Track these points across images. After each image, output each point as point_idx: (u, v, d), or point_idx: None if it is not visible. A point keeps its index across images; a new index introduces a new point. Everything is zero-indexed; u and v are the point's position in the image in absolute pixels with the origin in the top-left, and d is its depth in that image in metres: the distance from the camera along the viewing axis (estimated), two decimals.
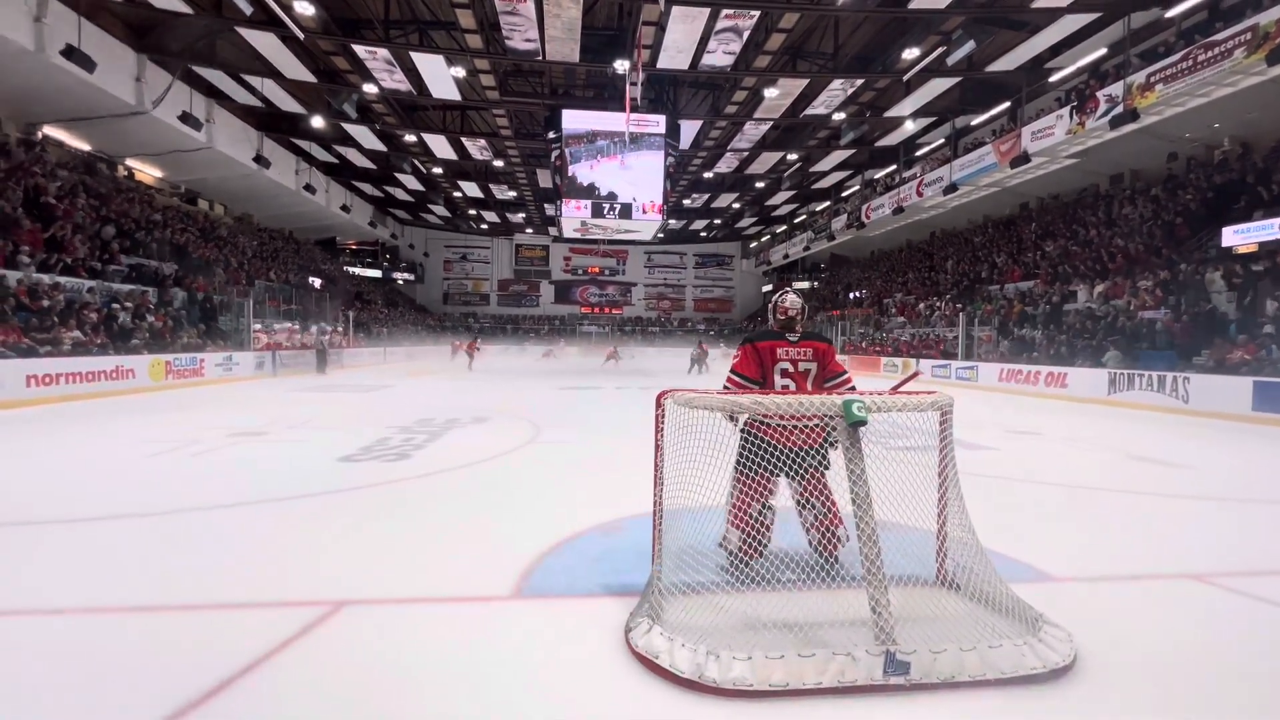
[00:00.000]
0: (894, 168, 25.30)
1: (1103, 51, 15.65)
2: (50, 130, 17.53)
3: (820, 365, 2.96)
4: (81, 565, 3.12)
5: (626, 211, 20.78)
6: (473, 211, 37.47)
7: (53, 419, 8.28)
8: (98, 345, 11.67)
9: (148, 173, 21.94)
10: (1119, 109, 14.08)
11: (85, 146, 18.89)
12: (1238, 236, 13.27)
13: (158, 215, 19.18)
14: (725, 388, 2.91)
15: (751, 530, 2.74)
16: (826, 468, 2.80)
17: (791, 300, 2.99)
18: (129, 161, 20.74)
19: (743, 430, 2.74)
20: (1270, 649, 2.42)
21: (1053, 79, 17.26)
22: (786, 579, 2.53)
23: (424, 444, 6.67)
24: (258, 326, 18.18)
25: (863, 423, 2.31)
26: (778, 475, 2.72)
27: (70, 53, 13.13)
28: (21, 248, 12.34)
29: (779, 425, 2.63)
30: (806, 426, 2.62)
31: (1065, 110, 15.88)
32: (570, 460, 6.13)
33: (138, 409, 9.49)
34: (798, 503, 2.85)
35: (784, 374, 2.90)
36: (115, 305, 13.19)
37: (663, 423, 2.54)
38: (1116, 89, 14.23)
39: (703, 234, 43.01)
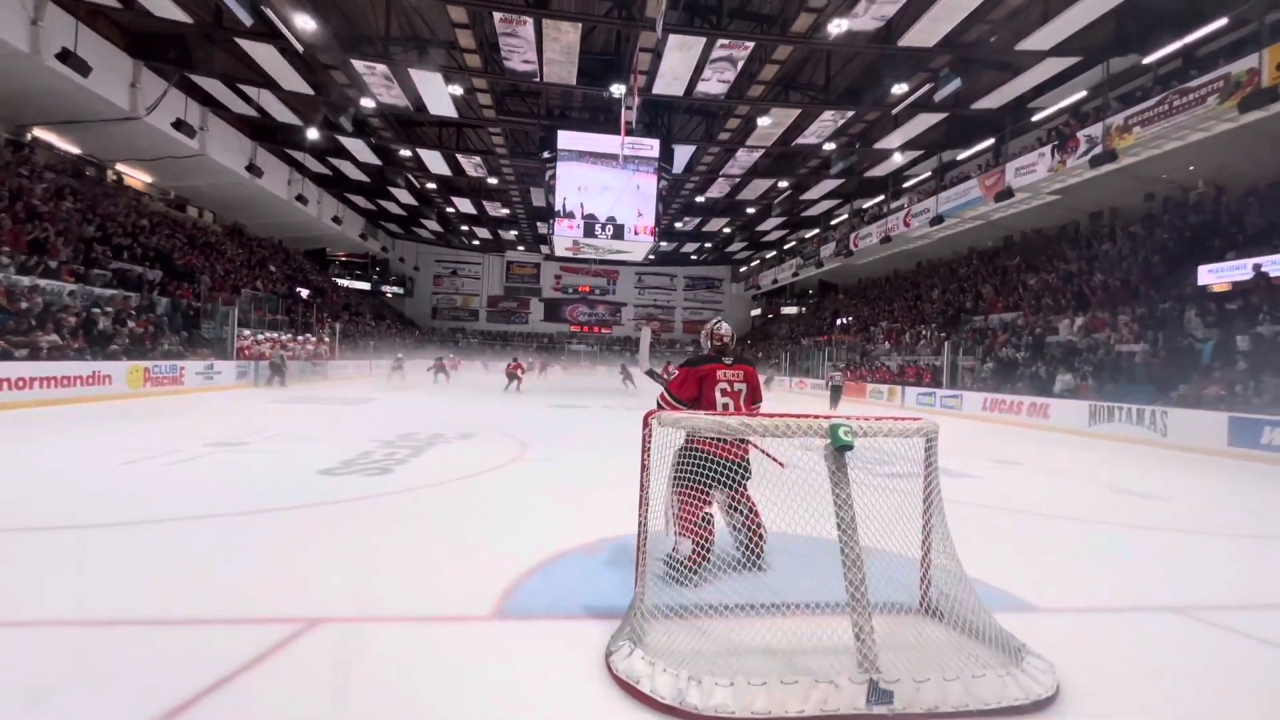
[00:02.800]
0: (882, 198, 25.81)
1: (1083, 94, 16.23)
2: (40, 132, 17.40)
3: (749, 386, 3.27)
4: (47, 576, 3.02)
5: (619, 232, 20.98)
6: (465, 227, 37.59)
7: (25, 424, 8.07)
8: (75, 350, 11.45)
9: (137, 178, 21.80)
10: (1098, 149, 14.54)
11: (75, 150, 18.75)
12: (1212, 275, 13.66)
13: (145, 221, 19.01)
14: (658, 405, 3.14)
15: (700, 537, 2.94)
16: (749, 477, 3.04)
17: (725, 329, 3.38)
18: (119, 166, 20.61)
19: (682, 448, 2.98)
20: (1248, 684, 2.43)
21: (1035, 118, 17.83)
22: (729, 585, 2.50)
23: (407, 459, 6.58)
24: (246, 333, 17.97)
25: (849, 447, 2.32)
26: (713, 486, 2.93)
27: (65, 56, 13.11)
28: (2, 249, 12.15)
29: (714, 440, 2.83)
30: (736, 441, 2.86)
31: (1047, 149, 16.36)
32: (555, 479, 6.06)
33: (114, 416, 9.29)
34: (728, 508, 3.11)
35: (723, 393, 3.19)
36: (95, 310, 12.97)
37: (649, 443, 2.53)
38: (1096, 130, 14.70)
39: (693, 257, 43.44)
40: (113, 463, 5.76)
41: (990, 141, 19.74)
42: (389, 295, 42.45)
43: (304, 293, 27.36)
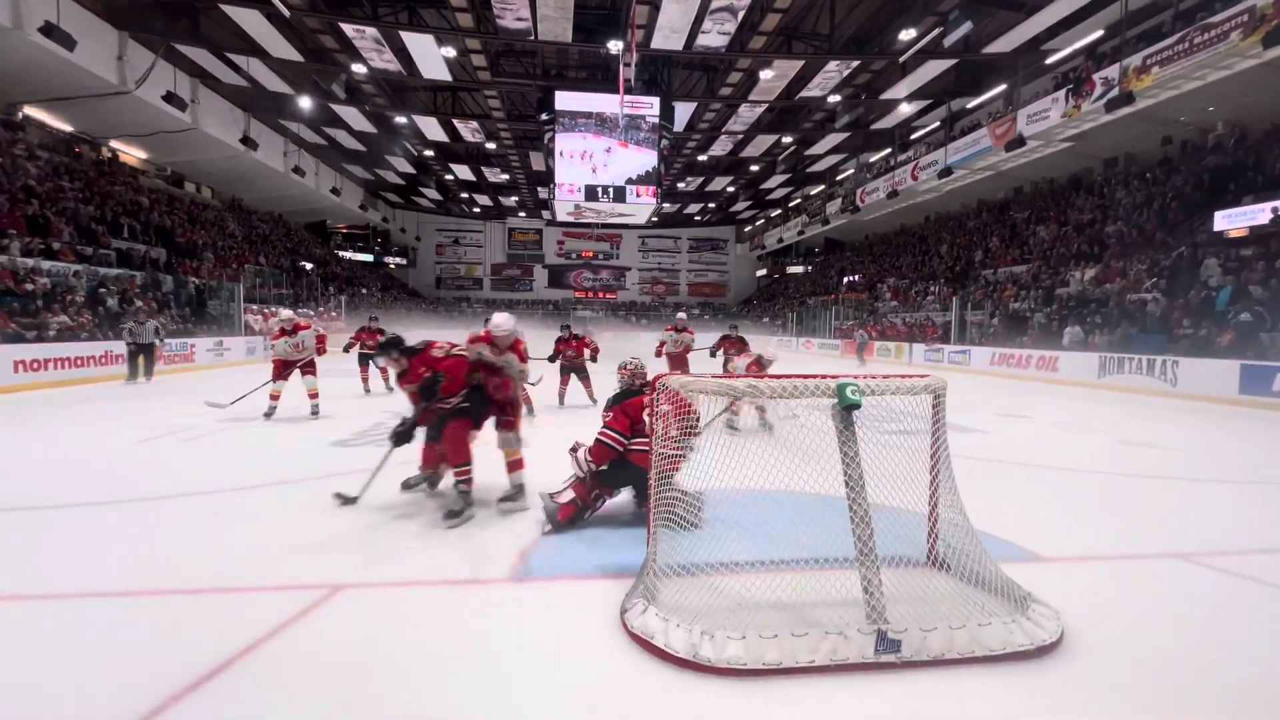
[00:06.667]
0: (889, 151, 25.16)
1: (1100, 33, 15.54)
2: (31, 110, 17.14)
3: None
4: (76, 550, 3.12)
5: (620, 194, 20.60)
6: (465, 195, 37.05)
7: (41, 404, 8.20)
8: (85, 332, 11.53)
9: (132, 154, 21.54)
10: (1115, 92, 14.02)
11: (68, 127, 18.50)
12: (1228, 221, 13.32)
13: (143, 198, 18.88)
14: (599, 441, 3.50)
15: (587, 504, 3.55)
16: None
17: (635, 364, 4.13)
18: (113, 143, 20.33)
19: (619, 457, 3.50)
20: (1254, 627, 2.47)
21: (1049, 60, 17.14)
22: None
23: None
24: (254, 308, 18.03)
25: (856, 406, 2.32)
26: (623, 486, 3.64)
27: (49, 30, 12.77)
28: (5, 231, 12.13)
29: (644, 453, 3.20)
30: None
31: (1061, 93, 15.80)
32: (567, 443, 6.11)
33: (127, 394, 9.42)
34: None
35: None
36: (102, 290, 13.01)
37: (656, 407, 2.55)
38: (1112, 72, 14.15)
39: (697, 218, 42.74)
40: (130, 439, 5.87)
41: (1002, 88, 19.04)
42: (392, 266, 42.23)
43: (307, 266, 27.27)
